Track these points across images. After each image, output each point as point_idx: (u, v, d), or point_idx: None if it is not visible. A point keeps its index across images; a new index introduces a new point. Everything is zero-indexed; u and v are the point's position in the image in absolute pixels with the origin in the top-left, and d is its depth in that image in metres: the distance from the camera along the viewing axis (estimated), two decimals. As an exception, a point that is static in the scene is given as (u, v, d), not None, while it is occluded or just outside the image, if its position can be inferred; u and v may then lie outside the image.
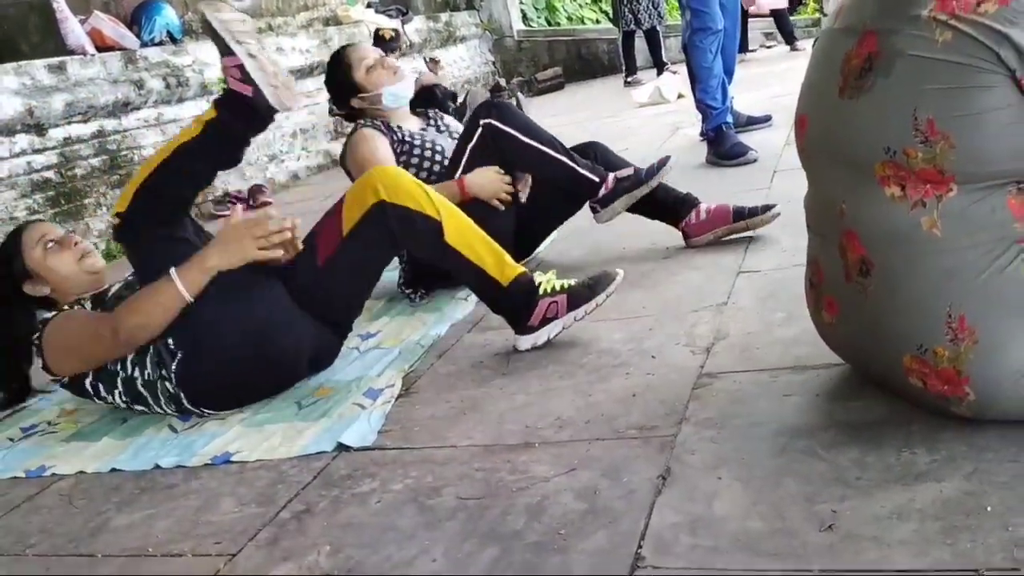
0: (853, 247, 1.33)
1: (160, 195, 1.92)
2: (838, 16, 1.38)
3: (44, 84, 4.33)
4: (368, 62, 2.69)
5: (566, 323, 1.95)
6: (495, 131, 2.45)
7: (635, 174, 2.49)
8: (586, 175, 2.48)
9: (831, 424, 1.41)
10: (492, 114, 2.48)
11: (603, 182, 2.48)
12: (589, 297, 1.95)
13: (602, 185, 2.48)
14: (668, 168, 2.48)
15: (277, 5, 7.06)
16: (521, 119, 2.51)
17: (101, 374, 1.99)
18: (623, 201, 2.49)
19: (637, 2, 7.56)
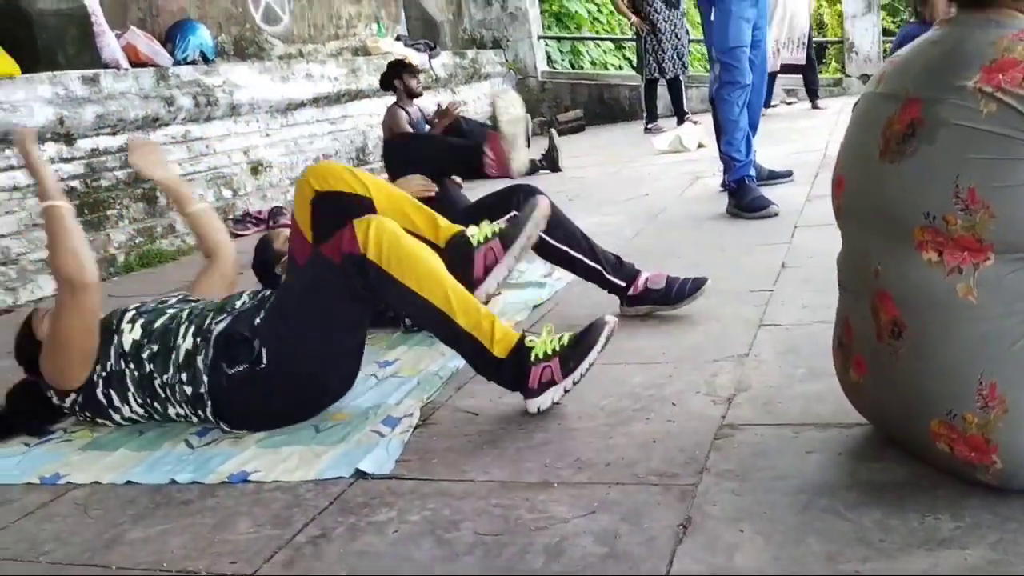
0: (886, 308, 1.34)
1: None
2: (880, 81, 1.41)
3: (77, 95, 4.39)
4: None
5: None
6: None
7: (667, 288, 2.45)
8: (612, 279, 2.49)
9: (854, 484, 1.41)
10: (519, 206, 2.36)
11: (631, 284, 2.48)
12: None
13: (631, 286, 2.47)
14: (703, 290, 2.43)
15: (309, 33, 7.17)
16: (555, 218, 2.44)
17: (110, 378, 2.00)
18: (649, 308, 2.47)
19: (662, 51, 7.66)
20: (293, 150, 6.04)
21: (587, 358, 1.85)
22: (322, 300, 1.91)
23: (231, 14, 6.29)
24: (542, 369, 1.85)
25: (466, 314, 1.85)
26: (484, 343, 1.86)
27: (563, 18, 10.97)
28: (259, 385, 1.90)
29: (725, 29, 3.55)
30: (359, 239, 1.84)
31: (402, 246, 1.86)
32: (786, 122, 6.85)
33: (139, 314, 2.07)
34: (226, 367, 1.89)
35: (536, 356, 1.86)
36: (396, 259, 1.84)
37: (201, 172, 5.18)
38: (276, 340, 1.90)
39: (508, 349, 1.87)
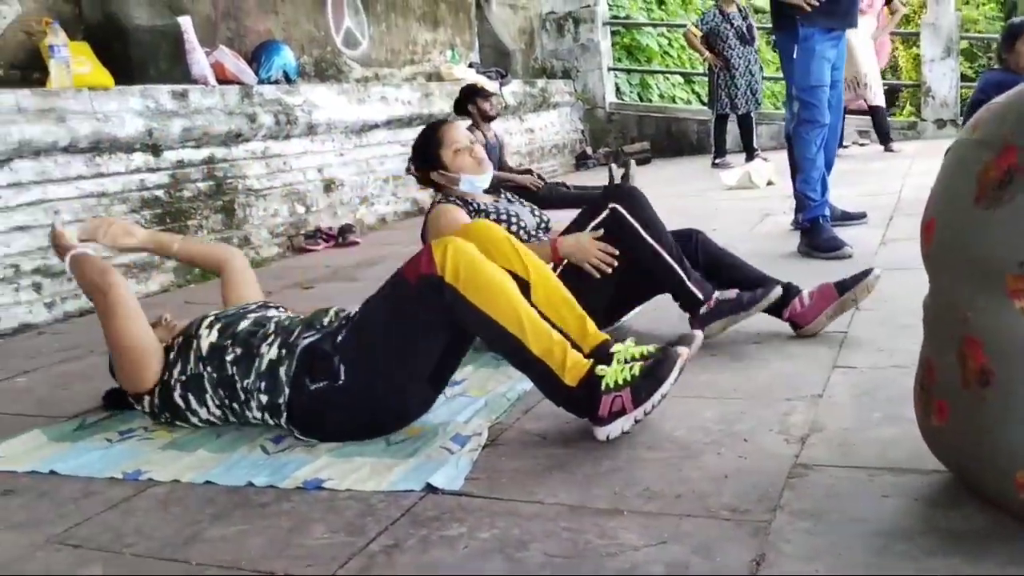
0: (974, 355, 1.33)
1: None
2: (976, 128, 1.40)
3: (166, 108, 4.56)
4: (457, 145, 2.77)
5: (637, 416, 1.86)
6: (620, 218, 2.48)
7: (737, 298, 2.45)
8: (693, 291, 2.46)
9: (931, 530, 1.39)
10: (623, 201, 2.50)
11: (707, 301, 2.46)
12: (655, 387, 1.84)
13: (705, 303, 2.46)
14: (774, 295, 2.43)
15: (386, 57, 7.34)
16: (648, 214, 2.50)
17: (188, 383, 2.07)
18: (723, 323, 2.44)
19: (735, 87, 7.65)
20: (364, 170, 6.17)
21: (659, 390, 1.84)
22: (398, 319, 1.94)
23: (313, 37, 6.47)
24: (612, 399, 1.85)
25: (538, 341, 1.87)
26: (555, 370, 1.88)
27: (634, 51, 11.03)
28: (336, 402, 1.94)
29: (807, 67, 3.54)
30: (437, 260, 1.88)
31: (479, 270, 1.89)
32: (859, 163, 6.77)
33: (217, 319, 2.14)
34: (308, 382, 1.94)
35: (607, 386, 1.86)
36: (473, 282, 1.87)
37: (277, 188, 5.33)
38: (354, 357, 1.94)
39: (579, 378, 1.88)
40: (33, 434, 2.25)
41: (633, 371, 1.87)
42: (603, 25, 9.85)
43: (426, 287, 1.88)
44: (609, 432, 1.87)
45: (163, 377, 2.11)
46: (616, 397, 1.85)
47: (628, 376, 1.87)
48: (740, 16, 7.73)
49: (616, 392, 1.86)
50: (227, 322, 2.12)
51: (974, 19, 15.83)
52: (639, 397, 1.84)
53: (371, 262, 4.64)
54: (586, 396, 1.88)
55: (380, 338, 1.95)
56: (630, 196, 2.54)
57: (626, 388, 1.85)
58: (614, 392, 1.86)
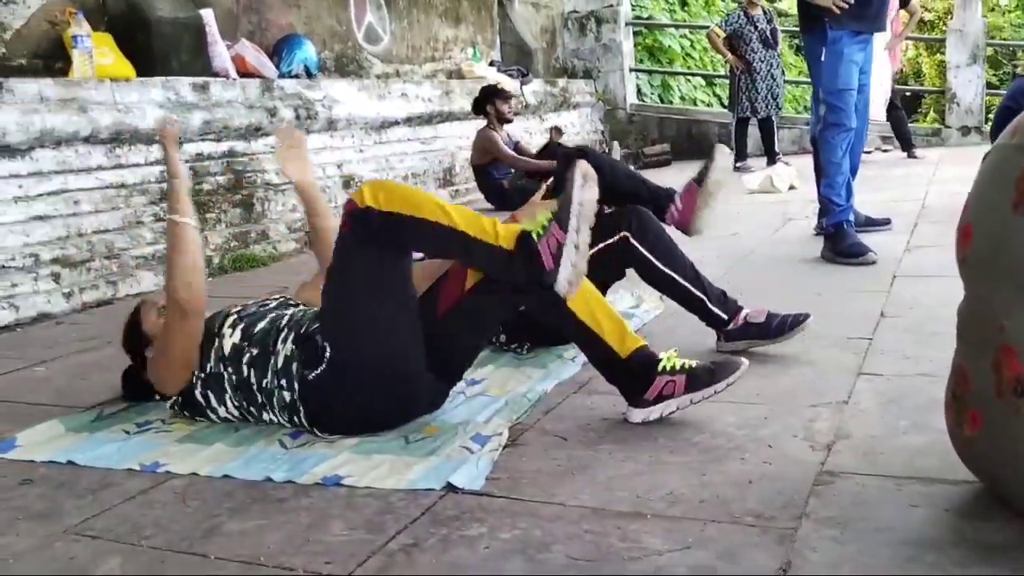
0: (1010, 364, 1.30)
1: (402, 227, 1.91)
2: (1015, 133, 1.38)
3: (187, 100, 4.57)
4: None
5: (681, 404, 1.93)
6: (628, 247, 2.46)
7: (766, 322, 2.43)
8: (715, 311, 2.47)
9: (961, 542, 1.36)
10: (632, 227, 2.46)
11: (732, 319, 2.45)
12: (709, 383, 1.92)
13: (731, 321, 2.46)
14: (806, 325, 2.39)
15: (407, 54, 7.33)
16: (660, 240, 2.48)
17: (208, 380, 2.07)
18: (747, 343, 2.43)
19: (756, 91, 7.60)
20: (384, 167, 6.16)
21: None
22: (349, 269, 1.93)
23: (335, 32, 6.47)
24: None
25: (468, 223, 1.88)
26: (491, 242, 1.88)
27: (656, 52, 10.98)
28: (338, 380, 1.92)
29: (835, 71, 3.51)
30: (355, 198, 1.89)
31: (396, 186, 1.91)
32: (882, 169, 6.71)
33: (240, 319, 2.12)
34: (307, 373, 1.94)
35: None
36: (390, 197, 1.87)
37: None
38: (329, 328, 1.94)
39: (512, 241, 1.86)
40: (51, 424, 2.24)
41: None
42: (625, 25, 9.81)
43: (356, 223, 1.88)
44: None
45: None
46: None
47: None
48: (764, 19, 7.68)
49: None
50: (249, 322, 2.10)
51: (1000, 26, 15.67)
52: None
53: (389, 258, 4.63)
54: (526, 257, 1.86)
55: (341, 294, 1.94)
56: (640, 221, 2.48)
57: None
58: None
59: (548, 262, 1.83)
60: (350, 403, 1.97)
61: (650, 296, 3.06)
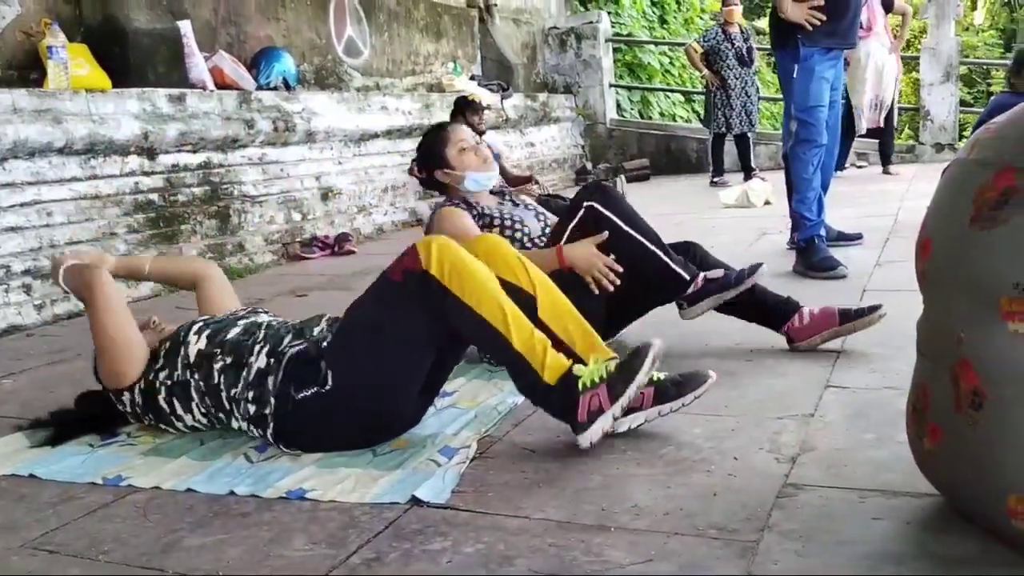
0: (967, 377, 1.31)
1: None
2: (973, 148, 1.39)
3: (163, 112, 4.55)
4: (463, 144, 2.77)
5: (649, 416, 1.92)
6: (597, 214, 2.49)
7: (725, 276, 2.51)
8: (679, 272, 2.50)
9: (923, 555, 1.37)
10: (596, 197, 2.52)
11: (693, 280, 2.50)
12: (677, 396, 1.91)
13: (692, 283, 2.50)
14: (760, 274, 2.49)
15: (387, 67, 7.34)
16: (624, 206, 2.54)
17: (174, 388, 2.05)
18: (710, 302, 2.50)
19: (730, 107, 7.67)
20: (363, 179, 6.16)
21: (634, 381, 1.84)
22: (384, 318, 1.92)
23: (315, 44, 6.47)
24: (590, 398, 1.85)
25: (520, 337, 1.86)
26: (535, 366, 1.86)
27: (635, 68, 11.06)
28: (324, 410, 1.91)
29: (807, 88, 3.54)
30: (422, 256, 1.87)
31: (464, 264, 1.88)
32: (857, 185, 6.77)
33: (206, 325, 2.12)
34: (293, 392, 1.91)
35: (584, 385, 1.86)
36: (457, 276, 1.85)
37: (274, 194, 5.31)
38: (340, 360, 1.92)
39: (557, 376, 1.86)
40: (15, 437, 2.22)
41: (609, 367, 1.88)
42: (605, 42, 9.88)
43: (412, 282, 1.87)
44: (591, 437, 1.86)
45: (147, 376, 2.08)
46: (593, 396, 1.86)
47: (603, 373, 1.87)
48: (742, 37, 7.75)
49: (592, 391, 1.86)
50: (216, 328, 2.10)
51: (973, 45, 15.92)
52: (615, 392, 1.84)
53: (367, 271, 4.61)
54: (565, 396, 1.87)
55: (367, 338, 1.92)
56: (603, 192, 2.55)
57: (602, 385, 1.86)
58: (590, 391, 1.86)
59: (582, 416, 1.84)
60: (328, 432, 1.96)
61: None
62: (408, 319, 1.90)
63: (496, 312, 1.85)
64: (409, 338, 1.92)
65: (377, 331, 1.92)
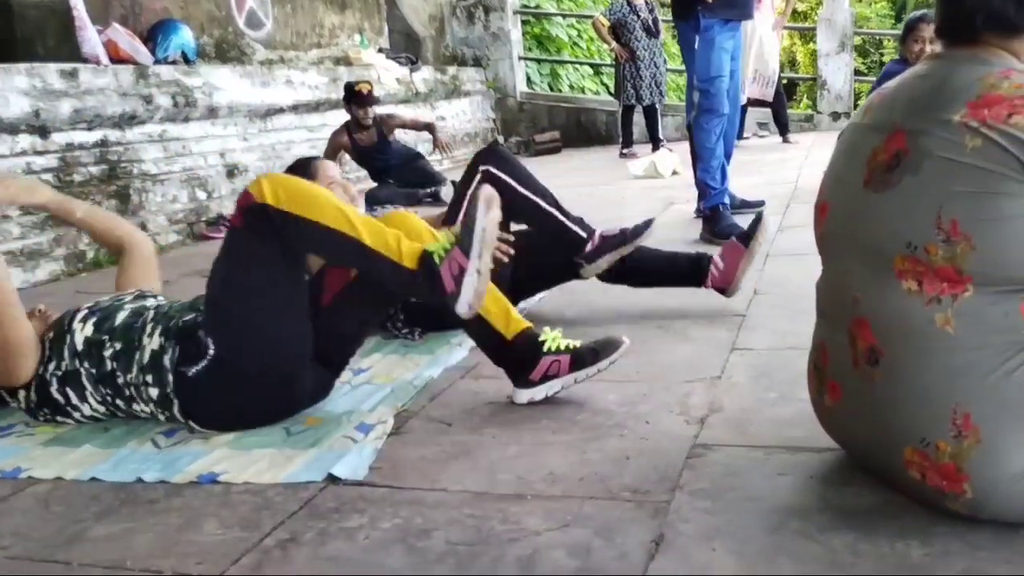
0: (864, 335, 1.36)
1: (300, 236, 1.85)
2: (867, 113, 1.44)
3: (54, 88, 4.33)
4: (329, 180, 2.73)
5: (566, 383, 1.96)
6: (492, 178, 2.50)
7: (620, 233, 2.58)
8: (575, 230, 2.58)
9: (825, 507, 1.42)
10: (491, 161, 2.56)
11: (590, 238, 2.57)
12: (593, 361, 1.96)
13: (589, 241, 2.56)
14: (651, 229, 2.58)
15: (291, 40, 7.15)
16: (518, 169, 2.59)
17: (65, 378, 1.97)
18: (608, 258, 2.57)
19: (640, 79, 7.75)
20: (270, 155, 6.01)
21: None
22: (240, 266, 1.88)
23: (214, 16, 6.26)
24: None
25: (372, 235, 1.84)
26: (394, 259, 1.84)
27: (544, 41, 11.05)
28: (220, 379, 1.87)
29: (708, 58, 3.60)
30: (253, 192, 1.82)
31: (299, 185, 1.85)
32: (758, 154, 6.95)
33: (91, 312, 2.03)
34: (186, 368, 1.87)
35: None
36: (294, 197, 1.81)
37: (176, 172, 5.13)
38: (214, 324, 1.88)
39: (415, 257, 1.84)
40: (-98, 432, 2.10)
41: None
42: (513, 14, 9.83)
43: (252, 220, 1.82)
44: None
45: (38, 371, 1.99)
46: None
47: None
48: (647, 8, 7.82)
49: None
50: (103, 315, 2.02)
51: (867, 16, 16.45)
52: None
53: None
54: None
55: (231, 292, 1.89)
56: (497, 155, 2.59)
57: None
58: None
59: (449, 285, 1.82)
60: (230, 400, 1.91)
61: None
62: (260, 258, 1.86)
63: (338, 217, 1.82)
64: (267, 278, 1.87)
65: (235, 281, 1.88)
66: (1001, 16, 1.27)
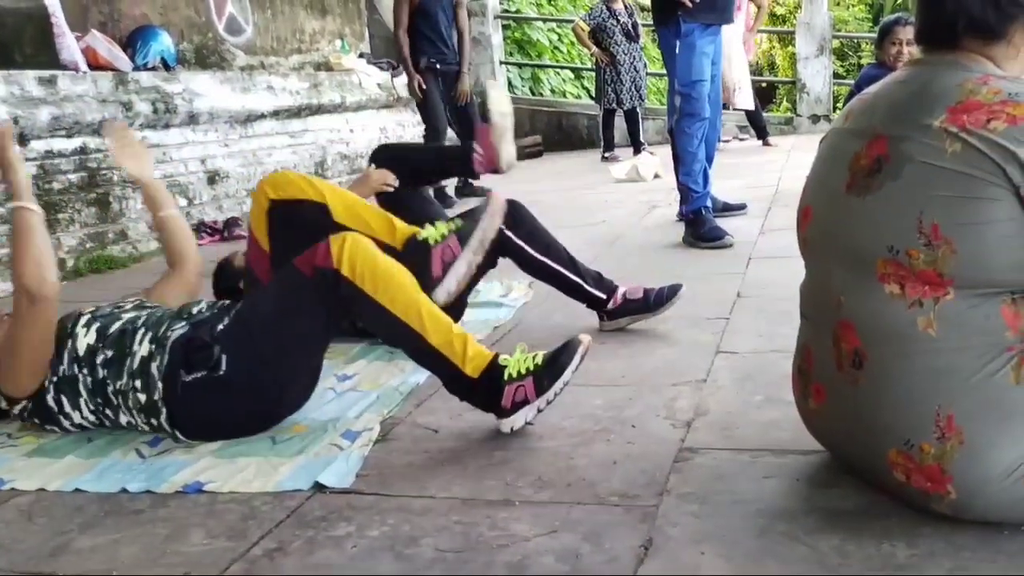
0: (848, 338, 1.37)
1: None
2: (847, 118, 1.45)
3: (33, 95, 4.29)
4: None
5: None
6: (504, 239, 2.43)
7: (644, 297, 2.52)
8: (596, 294, 2.53)
9: (811, 510, 1.43)
10: (506, 220, 2.41)
11: (611, 297, 2.52)
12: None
13: (610, 300, 2.52)
14: (679, 297, 2.51)
15: (272, 45, 7.12)
16: (529, 225, 2.53)
17: (61, 384, 1.95)
18: (628, 320, 2.54)
19: (620, 83, 7.78)
20: (251, 161, 5.97)
21: (561, 377, 1.84)
22: (290, 313, 1.90)
23: (194, 22, 6.22)
24: (515, 388, 1.84)
25: (438, 333, 1.84)
26: (456, 363, 1.85)
27: (525, 46, 11.07)
28: (215, 393, 1.87)
29: (689, 63, 3.62)
30: (334, 253, 1.84)
31: (377, 263, 1.86)
32: (738, 157, 6.99)
33: (94, 318, 2.02)
34: (183, 373, 1.86)
35: (510, 375, 1.85)
36: (371, 275, 1.83)
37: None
38: (237, 348, 1.88)
39: (480, 368, 1.85)
40: None
41: (536, 360, 1.87)
42: (494, 19, 9.83)
43: (321, 280, 1.84)
44: (513, 424, 1.86)
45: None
46: (519, 387, 1.84)
47: (531, 365, 1.86)
48: (626, 13, 7.85)
49: (519, 382, 1.85)
50: (104, 323, 2.00)
51: (845, 19, 16.57)
52: (541, 386, 1.84)
53: (257, 256, 4.49)
54: (489, 387, 1.86)
55: (268, 329, 1.90)
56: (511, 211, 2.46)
57: (528, 377, 1.85)
58: (516, 382, 1.85)
59: (507, 402, 1.83)
60: (222, 415, 1.92)
61: (519, 284, 3.09)
62: (313, 314, 1.90)
63: (411, 311, 1.84)
64: (310, 333, 1.92)
65: (280, 324, 1.90)
66: (981, 22, 1.29)
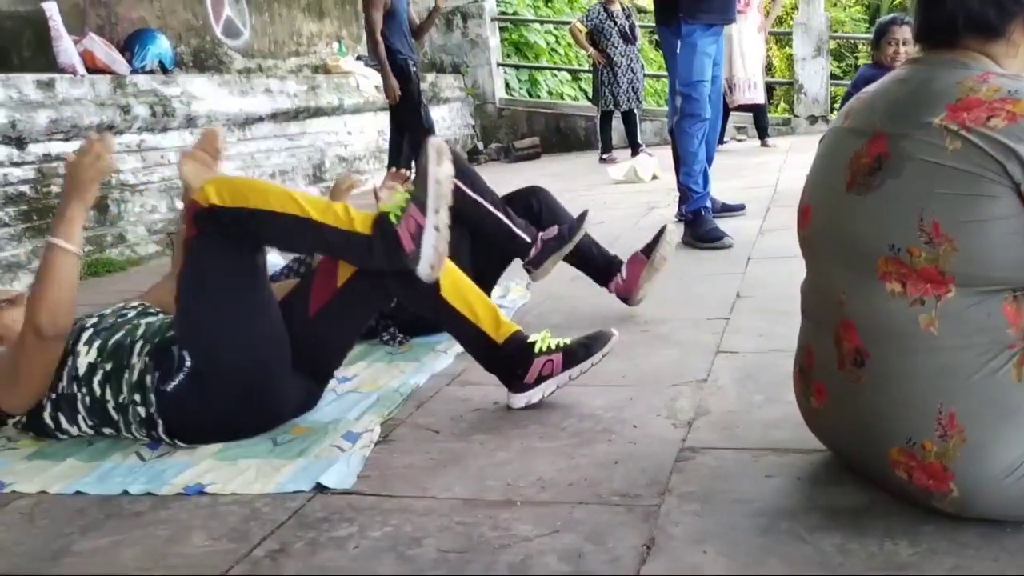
0: (849, 337, 1.37)
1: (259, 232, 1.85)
2: (848, 117, 1.45)
3: (31, 99, 4.30)
4: None
5: (560, 382, 1.95)
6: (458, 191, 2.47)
7: (559, 232, 2.62)
8: (521, 235, 2.60)
9: (813, 508, 1.43)
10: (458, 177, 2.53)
11: (534, 243, 2.60)
12: (585, 356, 1.95)
13: (533, 246, 2.59)
14: (586, 222, 2.63)
15: (269, 48, 7.13)
16: (469, 173, 2.60)
17: (59, 401, 1.94)
18: (552, 260, 2.61)
19: (617, 84, 7.79)
20: (249, 164, 5.98)
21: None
22: (204, 273, 1.86)
23: (191, 25, 6.23)
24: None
25: (320, 211, 1.83)
26: (345, 228, 1.83)
27: (522, 48, 11.07)
28: (199, 392, 1.84)
29: (689, 64, 3.62)
30: (199, 199, 1.82)
31: (236, 182, 1.86)
32: (738, 158, 6.99)
33: (96, 334, 1.97)
34: (166, 385, 1.85)
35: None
36: (236, 192, 1.82)
37: (155, 182, 5.10)
38: (187, 334, 1.87)
39: (369, 223, 1.83)
40: None
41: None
42: (491, 21, 9.85)
43: (203, 224, 1.82)
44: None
45: None
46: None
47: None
48: (623, 15, 7.86)
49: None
50: (105, 336, 1.96)
51: (842, 20, 16.61)
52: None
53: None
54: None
55: (196, 301, 1.86)
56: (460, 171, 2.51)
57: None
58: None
59: (408, 244, 1.80)
60: (212, 413, 1.89)
61: (516, 286, 3.10)
62: (218, 262, 1.85)
63: (284, 199, 1.82)
64: (228, 282, 1.86)
65: (200, 290, 1.86)
66: (981, 20, 1.29)
